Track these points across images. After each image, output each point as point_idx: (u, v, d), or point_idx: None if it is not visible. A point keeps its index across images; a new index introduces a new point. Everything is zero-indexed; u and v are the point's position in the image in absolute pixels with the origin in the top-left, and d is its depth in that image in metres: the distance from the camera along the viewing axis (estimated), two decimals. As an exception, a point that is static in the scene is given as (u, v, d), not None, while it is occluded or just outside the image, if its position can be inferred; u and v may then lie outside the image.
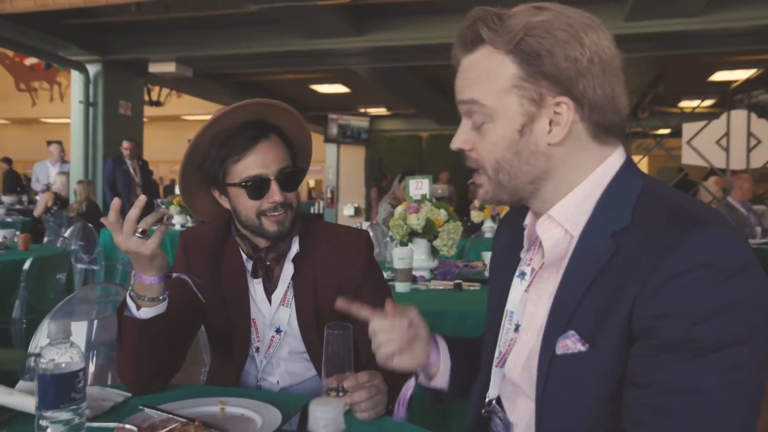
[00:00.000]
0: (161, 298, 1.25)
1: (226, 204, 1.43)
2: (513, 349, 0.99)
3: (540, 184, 0.93)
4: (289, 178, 1.39)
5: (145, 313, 1.24)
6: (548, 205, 0.94)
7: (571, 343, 0.86)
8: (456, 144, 0.95)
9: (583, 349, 0.85)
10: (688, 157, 7.66)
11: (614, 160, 0.92)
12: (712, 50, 7.40)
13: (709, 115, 8.03)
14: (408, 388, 1.09)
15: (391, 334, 1.04)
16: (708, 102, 10.39)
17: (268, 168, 1.36)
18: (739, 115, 7.46)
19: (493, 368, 1.03)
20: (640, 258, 0.81)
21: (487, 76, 0.90)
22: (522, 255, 1.03)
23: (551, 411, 0.89)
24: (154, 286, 1.23)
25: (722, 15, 6.23)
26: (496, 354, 1.02)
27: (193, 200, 1.48)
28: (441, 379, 1.13)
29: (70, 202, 7.74)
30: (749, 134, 7.34)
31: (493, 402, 1.03)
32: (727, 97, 8.48)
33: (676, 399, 0.78)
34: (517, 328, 0.99)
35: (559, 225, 0.93)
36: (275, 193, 1.36)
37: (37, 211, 7.62)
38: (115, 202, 1.20)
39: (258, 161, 1.35)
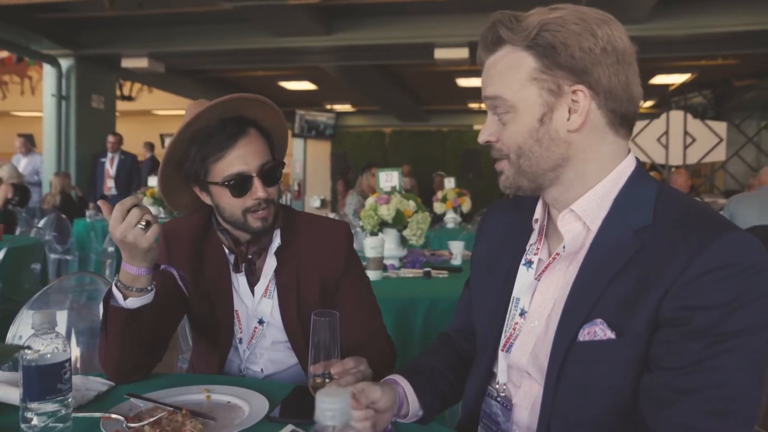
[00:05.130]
0: (149, 288, 1.19)
1: (207, 200, 1.35)
2: (519, 336, 0.98)
3: (560, 171, 0.93)
4: (270, 173, 1.32)
5: (132, 302, 1.17)
6: (566, 196, 0.95)
7: (599, 330, 0.86)
8: (483, 137, 0.96)
9: (612, 336, 0.86)
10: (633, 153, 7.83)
11: (628, 162, 0.95)
12: (653, 56, 7.57)
13: (650, 115, 8.21)
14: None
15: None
16: (649, 103, 10.63)
17: (250, 165, 1.29)
18: (676, 116, 7.64)
19: (500, 353, 1.02)
20: (669, 254, 0.83)
21: (508, 72, 0.91)
22: (528, 245, 1.02)
23: (566, 394, 0.89)
24: (143, 277, 1.17)
25: (662, 24, 6.41)
26: (503, 338, 1.01)
27: (173, 196, 1.40)
28: (414, 414, 1.07)
29: (44, 191, 7.41)
30: (685, 133, 7.53)
31: (506, 385, 1.01)
32: (666, 99, 8.70)
33: (701, 378, 0.81)
34: (522, 314, 0.99)
35: (579, 219, 0.94)
36: (258, 190, 1.29)
37: None
38: (102, 201, 1.15)
39: (239, 158, 1.28)
